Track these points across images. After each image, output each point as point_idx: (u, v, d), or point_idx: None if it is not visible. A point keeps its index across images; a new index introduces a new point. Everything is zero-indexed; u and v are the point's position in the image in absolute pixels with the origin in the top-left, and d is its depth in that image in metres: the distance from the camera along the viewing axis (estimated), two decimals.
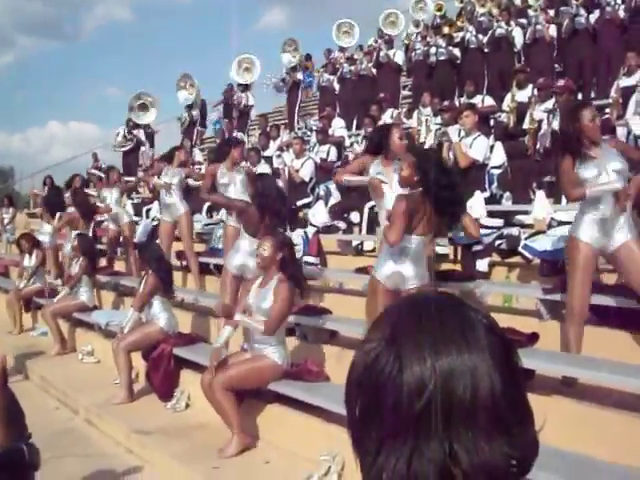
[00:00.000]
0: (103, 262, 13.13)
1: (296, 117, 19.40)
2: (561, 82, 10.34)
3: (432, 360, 1.05)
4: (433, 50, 15.78)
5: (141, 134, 19.08)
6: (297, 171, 12.39)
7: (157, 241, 10.89)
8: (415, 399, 1.03)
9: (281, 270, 6.35)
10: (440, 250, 8.34)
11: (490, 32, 14.67)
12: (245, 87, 19.82)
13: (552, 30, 13.67)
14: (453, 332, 1.08)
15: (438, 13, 18.34)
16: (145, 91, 19.65)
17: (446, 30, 16.29)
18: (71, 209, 12.63)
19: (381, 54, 16.92)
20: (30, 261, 12.60)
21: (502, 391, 1.06)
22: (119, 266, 13.23)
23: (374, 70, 17.05)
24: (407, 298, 1.23)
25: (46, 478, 1.48)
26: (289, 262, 6.40)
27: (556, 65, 14.02)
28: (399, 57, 16.95)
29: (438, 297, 1.19)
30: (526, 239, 7.45)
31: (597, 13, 13.22)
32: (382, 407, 1.06)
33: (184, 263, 11.26)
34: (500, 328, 1.14)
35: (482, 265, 7.90)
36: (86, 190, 14.87)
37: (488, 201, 8.50)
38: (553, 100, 10.16)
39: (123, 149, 19.25)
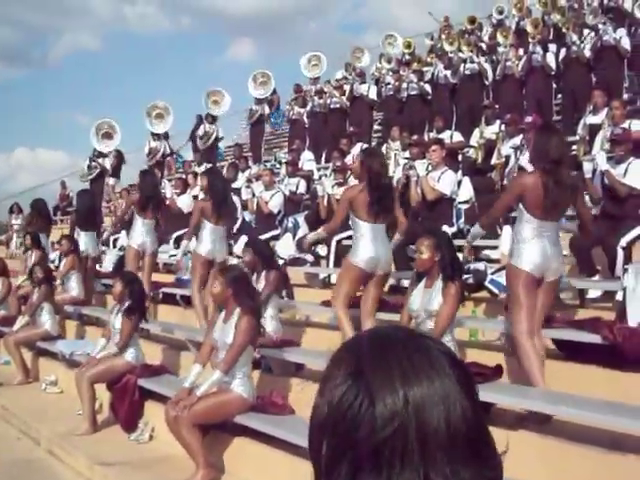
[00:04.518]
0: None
1: (262, 150, 19.40)
2: (529, 118, 10.46)
3: (404, 390, 1.04)
4: (404, 85, 15.93)
5: (106, 162, 18.85)
6: (266, 203, 12.41)
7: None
8: (388, 431, 1.03)
9: (238, 305, 6.34)
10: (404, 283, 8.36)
11: (461, 68, 14.82)
12: (213, 119, 19.73)
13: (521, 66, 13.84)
14: (421, 362, 1.08)
15: (407, 50, 18.58)
16: (107, 119, 19.49)
17: (415, 66, 16.49)
18: None
19: (355, 87, 17.04)
20: None
21: (472, 417, 1.06)
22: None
23: (348, 103, 17.17)
24: (366, 332, 1.23)
25: None
26: (245, 296, 6.37)
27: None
28: (372, 92, 17.04)
29: (398, 330, 1.20)
30: (492, 274, 7.51)
31: (563, 52, 13.46)
32: (354, 443, 1.05)
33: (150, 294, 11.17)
34: (459, 358, 1.15)
35: None
36: None
37: (455, 236, 8.55)
38: (521, 136, 10.27)
39: (89, 178, 19.04)
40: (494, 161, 11.02)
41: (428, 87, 15.68)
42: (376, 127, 18.19)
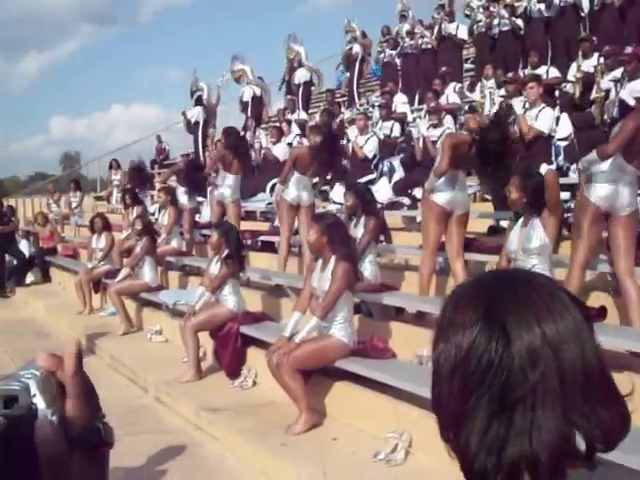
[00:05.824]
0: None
1: (356, 93, 19.24)
2: (629, 49, 10.07)
3: (540, 328, 1.03)
4: (496, 21, 15.56)
5: (193, 113, 18.96)
6: (361, 147, 12.35)
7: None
8: (528, 370, 1.01)
9: (333, 252, 6.35)
10: (504, 224, 8.27)
11: (555, 0, 14.34)
12: (299, 64, 19.58)
13: None
14: (550, 299, 1.07)
15: None
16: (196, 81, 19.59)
17: (506, 1, 16.08)
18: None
19: (443, 27, 16.72)
20: (99, 242, 12.80)
21: (601, 355, 1.06)
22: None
23: (436, 42, 16.86)
24: (489, 274, 1.23)
25: (121, 454, 1.51)
26: (339, 244, 6.35)
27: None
28: (462, 31, 16.71)
29: (518, 271, 1.22)
30: None
31: None
32: (492, 385, 1.03)
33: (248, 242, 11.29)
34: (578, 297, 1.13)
35: None
36: None
37: None
38: (621, 69, 9.92)
39: (187, 130, 19.38)
40: (593, 95, 10.69)
41: (520, 22, 15.27)
42: (467, 66, 17.84)
